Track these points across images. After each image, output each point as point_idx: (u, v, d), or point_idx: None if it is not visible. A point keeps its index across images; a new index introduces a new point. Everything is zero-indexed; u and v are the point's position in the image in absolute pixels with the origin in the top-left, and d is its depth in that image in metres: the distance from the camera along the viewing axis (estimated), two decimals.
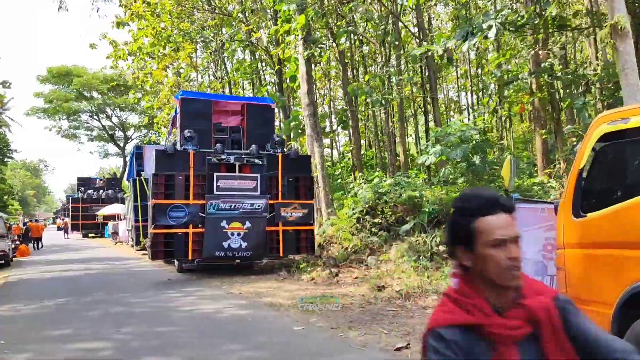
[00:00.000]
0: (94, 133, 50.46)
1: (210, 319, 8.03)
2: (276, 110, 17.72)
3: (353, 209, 15.13)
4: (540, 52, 12.94)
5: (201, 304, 9.24)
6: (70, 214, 40.38)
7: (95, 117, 48.61)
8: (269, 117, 14.11)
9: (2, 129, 39.96)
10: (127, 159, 50.63)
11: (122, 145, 50.37)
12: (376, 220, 14.57)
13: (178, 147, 12.65)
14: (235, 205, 12.64)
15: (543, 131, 14.04)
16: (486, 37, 9.23)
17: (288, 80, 20.51)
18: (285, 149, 14.04)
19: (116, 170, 52.18)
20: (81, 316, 8.53)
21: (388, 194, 14.08)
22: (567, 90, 13.48)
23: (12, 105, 72.56)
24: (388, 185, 14.21)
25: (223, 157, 13.09)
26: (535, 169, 15.03)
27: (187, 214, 12.28)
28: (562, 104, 14.94)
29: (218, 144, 13.04)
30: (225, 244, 12.55)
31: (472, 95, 27.43)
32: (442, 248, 11.60)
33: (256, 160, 13.33)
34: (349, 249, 14.44)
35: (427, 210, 12.30)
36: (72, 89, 44.82)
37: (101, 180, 42.02)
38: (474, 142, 10.99)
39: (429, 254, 11.50)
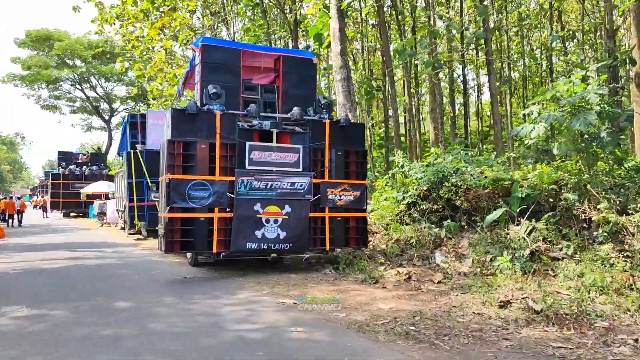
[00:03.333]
0: (76, 104, 46.74)
1: (284, 348, 5.31)
2: None
3: (403, 193, 12.43)
4: None
5: (254, 320, 6.50)
6: (50, 191, 37.05)
7: (78, 86, 44.88)
8: (310, 73, 11.26)
9: None
10: (113, 133, 47.24)
11: (107, 118, 46.81)
12: (434, 207, 11.93)
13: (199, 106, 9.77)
14: (272, 184, 9.87)
15: None
16: None
17: (312, 42, 17.64)
18: (333, 114, 11.22)
19: (100, 145, 48.70)
20: (82, 341, 5.72)
21: (455, 175, 11.39)
22: None
23: None
24: (455, 163, 11.52)
25: (255, 122, 10.27)
26: None
27: (211, 193, 9.48)
28: None
29: (252, 105, 10.18)
30: (259, 234, 9.81)
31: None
32: (545, 245, 8.99)
33: (297, 128, 10.53)
34: (401, 242, 11.79)
35: (519, 195, 9.64)
36: (53, 55, 41.02)
37: (84, 155, 38.64)
38: (600, 107, 8.33)
39: (529, 252, 8.88)
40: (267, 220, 9.86)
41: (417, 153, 21.34)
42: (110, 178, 36.05)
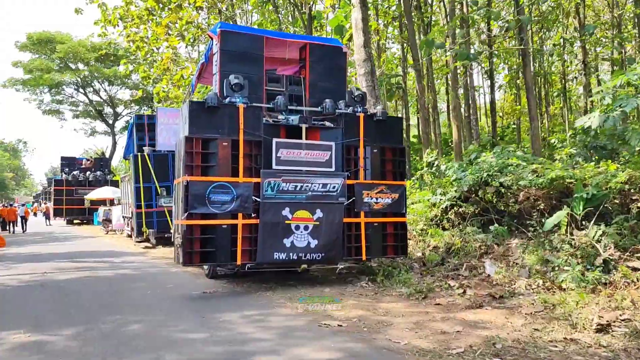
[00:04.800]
0: (79, 109, 45.69)
1: None
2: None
3: (441, 194, 11.27)
4: None
5: (296, 352, 5.34)
6: (52, 197, 35.95)
7: (81, 90, 43.82)
8: (340, 63, 10.12)
9: None
10: (117, 137, 46.19)
11: (111, 122, 45.75)
12: (476, 210, 10.78)
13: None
14: (301, 186, 8.73)
15: None
16: None
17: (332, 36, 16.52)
18: (367, 107, 10.08)
19: (104, 150, 47.63)
20: None
21: (503, 174, 10.23)
22: None
23: None
24: (502, 161, 10.36)
25: (281, 117, 9.14)
26: None
27: (234, 197, 8.34)
28: None
29: (279, 97, 9.05)
30: (288, 242, 8.66)
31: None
32: (619, 253, 7.82)
33: (328, 123, 9.40)
34: (441, 249, 10.63)
35: (583, 196, 8.47)
36: (55, 58, 39.99)
37: (88, 160, 37.54)
38: None
39: (601, 261, 7.70)
40: (297, 227, 8.71)
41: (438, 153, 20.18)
42: (115, 183, 34.98)
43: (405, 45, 20.38)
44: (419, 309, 7.20)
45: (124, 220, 22.31)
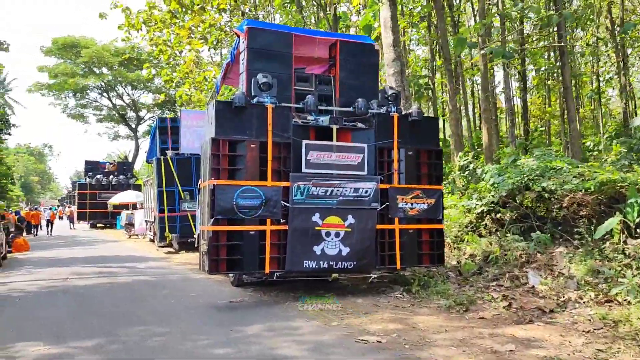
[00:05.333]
0: (103, 113, 46.02)
1: None
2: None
3: (477, 199, 10.70)
4: None
5: None
6: (76, 201, 36.10)
7: (104, 94, 44.11)
8: (371, 62, 9.65)
9: (2, 109, 35.84)
10: (139, 141, 46.38)
11: (134, 126, 45.94)
12: (514, 216, 10.18)
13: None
14: (332, 191, 8.27)
15: None
16: None
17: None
18: (407, 106, 9.58)
19: (127, 154, 47.85)
20: None
21: (545, 178, 9.63)
22: None
23: (14, 85, 68.35)
24: (544, 164, 9.75)
25: (310, 118, 8.70)
26: None
27: (263, 202, 7.91)
28: None
29: (309, 96, 8.60)
30: (318, 250, 8.20)
31: None
32: None
33: (360, 124, 8.93)
34: (478, 257, 10.06)
35: (638, 201, 7.83)
36: (79, 62, 40.28)
37: (111, 164, 37.66)
38: None
39: None
40: (327, 234, 8.24)
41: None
42: (138, 187, 34.96)
43: (434, 45, 19.84)
44: (462, 323, 6.67)
45: (147, 224, 22.11)
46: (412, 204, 8.79)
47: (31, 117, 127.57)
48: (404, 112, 9.06)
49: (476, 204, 10.89)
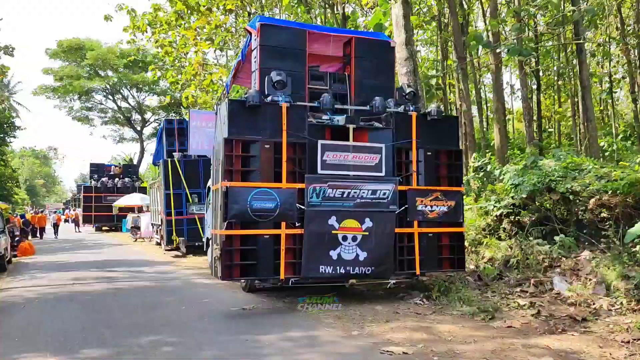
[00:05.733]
0: (108, 115, 45.82)
1: None
2: None
3: (494, 203, 10.36)
4: None
5: None
6: (82, 204, 35.85)
7: (109, 97, 43.93)
8: (387, 59, 9.31)
9: (7, 111, 35.66)
10: (145, 144, 46.18)
11: (139, 129, 45.74)
12: (534, 218, 9.84)
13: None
14: (349, 193, 7.94)
15: None
16: None
17: None
18: (420, 106, 9.24)
19: (132, 157, 47.66)
20: None
21: (567, 179, 9.28)
22: None
23: (19, 88, 68.29)
24: (565, 164, 9.41)
25: (325, 117, 8.38)
26: None
27: (278, 204, 7.58)
28: None
29: (325, 95, 8.28)
30: (334, 254, 7.86)
31: None
32: None
33: (376, 124, 8.61)
34: (498, 261, 9.71)
35: None
36: (85, 65, 40.09)
37: (116, 167, 37.40)
38: None
39: None
40: (344, 238, 7.91)
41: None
42: (143, 190, 34.70)
43: (445, 44, 19.51)
44: (490, 332, 6.32)
45: (153, 227, 21.83)
46: (431, 207, 8.45)
47: (36, 120, 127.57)
48: (422, 111, 8.72)
49: (494, 206, 10.54)
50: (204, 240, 13.88)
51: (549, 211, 9.61)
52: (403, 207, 8.29)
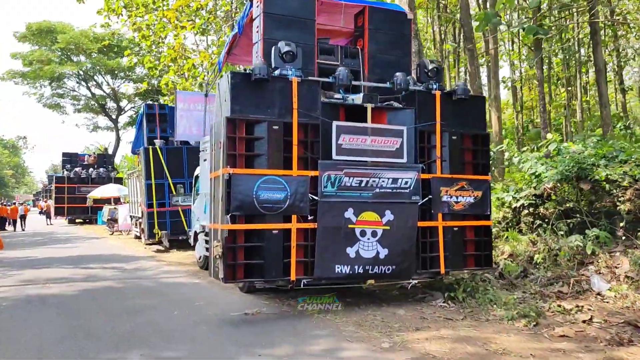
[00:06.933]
0: (81, 103, 43.79)
1: None
2: None
3: (514, 192, 9.53)
4: None
5: None
6: (53, 195, 34.15)
7: (82, 83, 41.94)
8: (404, 32, 8.35)
9: None
10: (120, 133, 44.42)
11: (114, 117, 43.90)
12: (558, 210, 9.03)
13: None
14: (367, 182, 6.97)
15: None
16: None
17: None
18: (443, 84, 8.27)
19: (107, 147, 45.79)
20: None
21: (600, 167, 8.46)
22: None
23: None
24: (601, 151, 8.60)
25: (337, 96, 7.38)
26: None
27: (288, 194, 6.57)
28: None
29: (341, 68, 7.25)
30: (352, 252, 6.89)
31: None
32: None
33: (396, 103, 7.63)
34: (520, 257, 8.87)
35: None
36: (56, 49, 38.08)
37: (91, 156, 35.71)
38: None
39: None
40: (363, 233, 6.94)
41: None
42: (118, 181, 33.19)
43: (445, 26, 18.66)
44: (543, 343, 5.44)
45: (132, 220, 20.55)
46: (457, 197, 7.54)
47: (4, 107, 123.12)
48: (449, 89, 7.78)
49: (513, 197, 9.69)
50: (191, 234, 12.79)
51: (575, 202, 8.80)
52: (426, 198, 7.35)
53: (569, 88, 22.90)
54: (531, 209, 9.64)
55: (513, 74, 25.46)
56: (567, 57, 18.81)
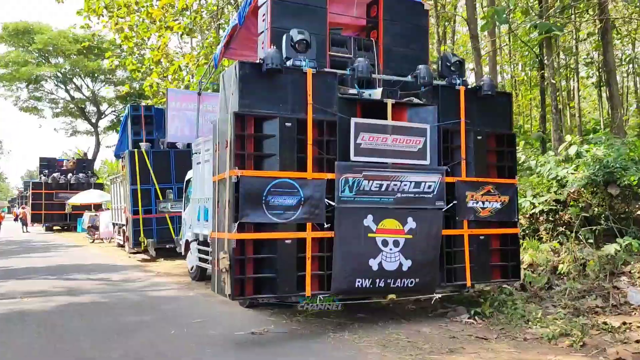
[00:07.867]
0: (59, 106, 42.39)
1: None
2: None
3: (532, 197, 8.94)
4: None
5: None
6: (30, 202, 32.82)
7: (61, 86, 40.57)
8: (421, 24, 7.72)
9: None
10: (100, 137, 43.14)
11: (94, 121, 42.60)
12: (581, 217, 8.47)
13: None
14: (388, 186, 6.29)
15: None
16: None
17: None
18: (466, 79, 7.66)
19: (86, 152, 44.36)
20: None
21: (630, 171, 7.91)
22: None
23: None
24: (629, 155, 8.06)
25: (353, 91, 6.70)
26: None
27: (301, 200, 5.86)
28: None
29: (360, 60, 6.56)
30: (374, 264, 6.20)
31: None
32: None
33: (416, 100, 6.98)
34: (542, 267, 8.27)
35: None
36: (33, 50, 36.77)
37: (69, 161, 34.49)
38: None
39: None
40: (384, 242, 6.26)
41: None
42: (99, 187, 32.09)
43: (444, 25, 18.17)
44: None
45: (114, 227, 19.57)
46: (483, 203, 6.91)
47: None
48: (474, 85, 7.16)
49: (531, 203, 9.11)
50: (181, 242, 11.92)
51: (604, 208, 8.24)
52: (450, 204, 6.70)
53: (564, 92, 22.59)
54: (550, 215, 9.05)
55: (512, 77, 25.13)
56: (568, 58, 18.47)
